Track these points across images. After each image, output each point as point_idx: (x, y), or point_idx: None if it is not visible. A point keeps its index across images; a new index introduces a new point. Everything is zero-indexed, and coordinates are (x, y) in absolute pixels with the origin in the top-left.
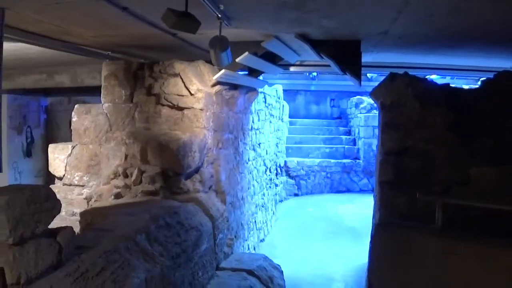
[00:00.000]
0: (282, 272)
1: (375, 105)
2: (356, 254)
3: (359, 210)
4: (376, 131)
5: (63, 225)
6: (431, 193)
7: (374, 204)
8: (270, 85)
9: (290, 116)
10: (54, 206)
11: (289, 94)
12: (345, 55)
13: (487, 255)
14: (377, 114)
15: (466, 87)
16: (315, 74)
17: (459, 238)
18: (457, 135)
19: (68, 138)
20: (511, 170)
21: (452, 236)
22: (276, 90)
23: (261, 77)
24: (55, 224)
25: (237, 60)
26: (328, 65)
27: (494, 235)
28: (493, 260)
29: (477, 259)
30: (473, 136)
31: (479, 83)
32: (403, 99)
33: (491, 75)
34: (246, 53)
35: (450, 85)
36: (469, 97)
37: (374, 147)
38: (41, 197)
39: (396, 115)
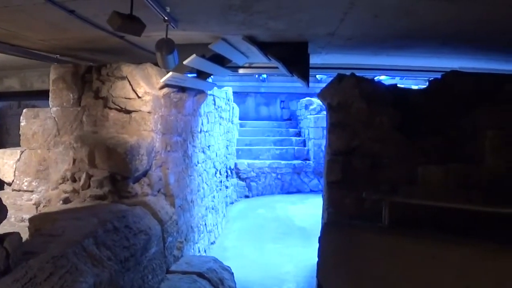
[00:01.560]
0: (232, 274)
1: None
2: (307, 254)
3: (310, 210)
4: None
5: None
6: (379, 192)
7: (323, 204)
8: (220, 87)
9: (240, 118)
10: (1, 212)
11: (239, 96)
12: (293, 57)
13: (435, 252)
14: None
15: (415, 87)
16: (265, 76)
17: (407, 236)
18: (404, 134)
19: (18, 143)
20: (458, 168)
21: (400, 234)
22: (226, 92)
23: (210, 80)
24: (4, 230)
25: (184, 62)
26: (276, 67)
27: (442, 232)
28: (440, 257)
29: (425, 256)
30: (421, 136)
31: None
32: (350, 100)
33: (439, 75)
34: (194, 55)
35: (398, 85)
36: (416, 97)
37: (324, 149)
38: None
39: (343, 115)
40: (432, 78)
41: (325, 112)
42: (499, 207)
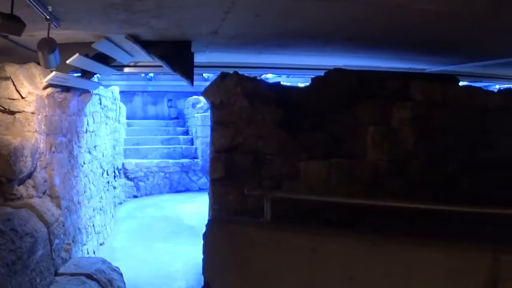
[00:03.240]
0: (121, 274)
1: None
2: (196, 252)
3: (199, 208)
4: None
5: None
6: (261, 188)
7: (209, 201)
8: (106, 86)
9: (127, 118)
10: None
11: (126, 95)
12: (176, 56)
13: (317, 245)
14: None
15: (302, 85)
16: (152, 75)
17: (288, 230)
18: (287, 131)
19: None
20: (340, 163)
21: (282, 228)
22: (112, 92)
23: (95, 79)
24: None
25: (67, 61)
26: (162, 66)
27: (325, 226)
28: (323, 249)
29: (307, 249)
30: (304, 132)
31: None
32: (232, 98)
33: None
34: (77, 54)
35: (281, 83)
36: (300, 94)
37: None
38: None
39: (226, 113)
40: (315, 76)
41: (210, 111)
42: (379, 200)
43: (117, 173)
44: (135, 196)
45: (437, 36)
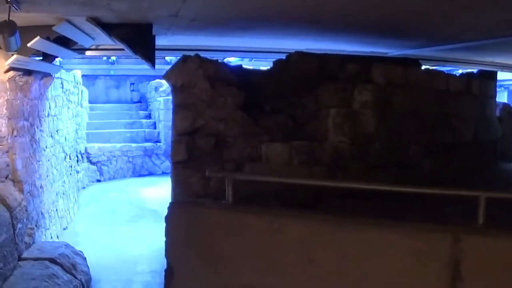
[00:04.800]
0: (85, 258)
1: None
2: (160, 236)
3: (162, 192)
4: None
5: None
6: (223, 170)
7: (171, 185)
8: (69, 70)
9: (90, 102)
10: None
11: (89, 79)
12: (137, 38)
13: (277, 227)
14: None
15: (264, 68)
16: (114, 58)
17: (250, 212)
18: (249, 114)
19: None
20: (301, 145)
21: (243, 210)
22: (74, 76)
23: (57, 62)
24: None
25: (28, 45)
26: (124, 49)
27: (286, 207)
28: (283, 231)
29: (268, 231)
30: (265, 115)
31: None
32: (194, 81)
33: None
34: (38, 37)
35: (242, 66)
36: (261, 77)
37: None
38: None
39: (187, 96)
40: (276, 59)
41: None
42: (340, 181)
43: (80, 157)
44: (98, 181)
45: (396, 19)
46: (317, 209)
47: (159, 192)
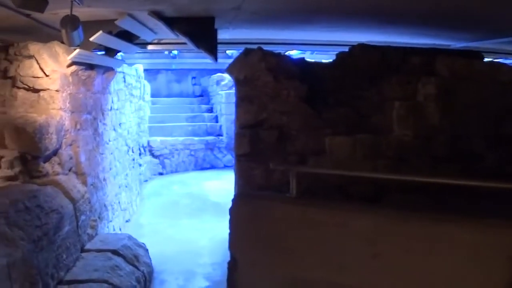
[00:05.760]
0: (147, 250)
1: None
2: (222, 229)
3: (224, 185)
4: None
5: None
6: (287, 163)
7: (234, 177)
8: (130, 64)
9: (152, 96)
10: None
11: (150, 73)
12: (200, 32)
13: (342, 221)
14: None
15: (326, 61)
16: (175, 52)
17: (314, 205)
18: (312, 106)
19: None
20: (365, 138)
21: (307, 203)
22: (136, 70)
23: (119, 57)
24: None
25: (91, 39)
26: (186, 43)
27: (350, 201)
28: (347, 225)
29: (332, 225)
30: (328, 108)
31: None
32: (256, 74)
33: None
34: (100, 32)
35: (305, 59)
36: (324, 70)
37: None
38: None
39: (250, 89)
40: (339, 52)
41: (234, 88)
42: (404, 175)
43: (142, 150)
44: (161, 174)
45: (459, 9)
46: (381, 203)
47: (221, 185)
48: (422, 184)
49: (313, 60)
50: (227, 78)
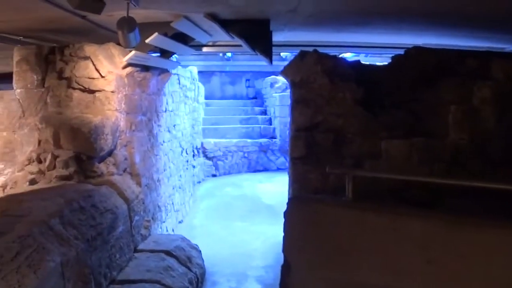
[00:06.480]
0: (200, 251)
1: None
2: (275, 231)
3: (277, 188)
4: None
5: None
6: (343, 167)
7: (288, 180)
8: (185, 66)
9: (206, 98)
10: None
11: (204, 75)
12: (255, 34)
13: (397, 225)
14: None
15: (380, 64)
16: (229, 55)
17: (370, 209)
18: (368, 109)
19: None
20: (421, 142)
21: (363, 207)
22: (191, 72)
23: (174, 59)
24: None
25: (147, 41)
26: (240, 45)
27: (405, 205)
28: (402, 229)
29: (387, 229)
30: (384, 111)
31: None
32: (312, 76)
33: (402, 52)
34: (156, 33)
35: (361, 61)
36: (380, 72)
37: (289, 126)
38: None
39: (306, 91)
40: (395, 54)
41: (289, 90)
42: (461, 179)
43: (196, 152)
44: (214, 175)
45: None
46: (436, 207)
47: (274, 187)
48: (479, 188)
49: (367, 63)
50: (281, 80)
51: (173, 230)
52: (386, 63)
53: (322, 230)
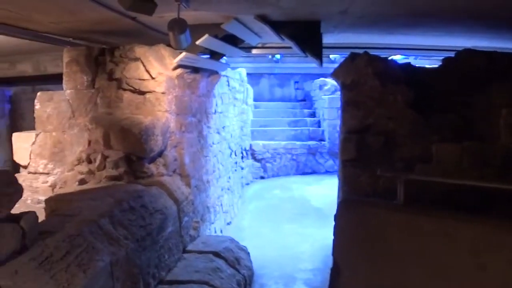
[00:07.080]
0: (249, 253)
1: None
2: (323, 234)
3: (326, 191)
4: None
5: None
6: (394, 170)
7: (338, 183)
8: (234, 68)
9: (254, 100)
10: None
11: (253, 77)
12: (306, 36)
13: (448, 230)
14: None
15: (430, 66)
16: (278, 57)
17: (421, 213)
18: (418, 112)
19: (33, 128)
20: (472, 146)
21: (414, 211)
22: (240, 74)
23: (223, 60)
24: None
25: (197, 42)
26: (290, 47)
27: (456, 210)
28: (453, 234)
29: (438, 233)
30: (435, 113)
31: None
32: (363, 78)
33: (452, 55)
34: (206, 35)
35: (410, 64)
36: (430, 75)
37: (339, 129)
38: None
39: (356, 94)
40: (446, 57)
41: (339, 93)
42: None
43: (244, 154)
44: (262, 177)
45: None
46: (487, 213)
47: (322, 190)
48: None
49: (417, 66)
50: (330, 82)
51: (221, 231)
52: (435, 65)
53: (372, 234)
